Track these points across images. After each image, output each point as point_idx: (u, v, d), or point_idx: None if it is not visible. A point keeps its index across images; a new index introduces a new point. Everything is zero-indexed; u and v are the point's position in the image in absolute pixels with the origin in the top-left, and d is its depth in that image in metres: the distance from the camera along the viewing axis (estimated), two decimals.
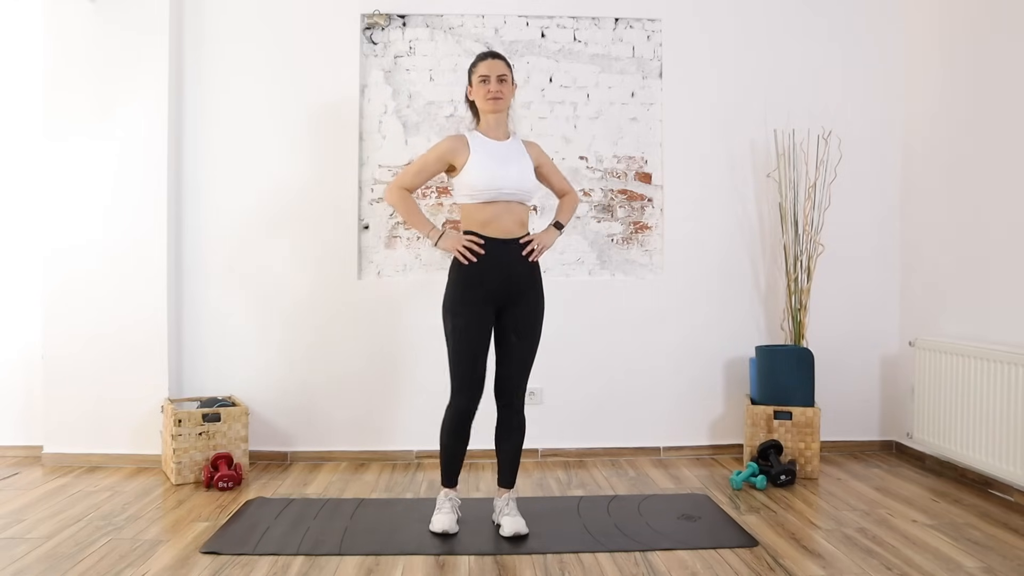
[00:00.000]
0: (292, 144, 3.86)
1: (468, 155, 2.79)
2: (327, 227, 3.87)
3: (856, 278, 4.03)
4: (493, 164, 2.77)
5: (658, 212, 4.01)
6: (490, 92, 2.79)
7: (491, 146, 2.82)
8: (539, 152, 2.97)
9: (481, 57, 2.86)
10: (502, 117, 2.87)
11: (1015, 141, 3.24)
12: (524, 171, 2.82)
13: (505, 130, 2.89)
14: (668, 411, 3.98)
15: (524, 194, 2.82)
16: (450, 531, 2.78)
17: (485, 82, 2.80)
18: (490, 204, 2.77)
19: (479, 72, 2.82)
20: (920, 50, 3.90)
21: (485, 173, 2.75)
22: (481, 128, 2.88)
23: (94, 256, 3.70)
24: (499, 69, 2.81)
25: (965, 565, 2.51)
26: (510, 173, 2.77)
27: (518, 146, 2.88)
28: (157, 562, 2.53)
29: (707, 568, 2.50)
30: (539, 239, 2.85)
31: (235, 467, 3.46)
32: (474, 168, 2.76)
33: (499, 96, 2.80)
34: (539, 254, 2.84)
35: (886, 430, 4.07)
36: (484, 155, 2.79)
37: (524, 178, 2.81)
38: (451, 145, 2.83)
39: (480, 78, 2.81)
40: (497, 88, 2.79)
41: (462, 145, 2.82)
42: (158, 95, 3.70)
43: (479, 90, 2.82)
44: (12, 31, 3.84)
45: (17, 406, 3.86)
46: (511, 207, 2.79)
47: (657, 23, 3.99)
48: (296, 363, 3.87)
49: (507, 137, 2.88)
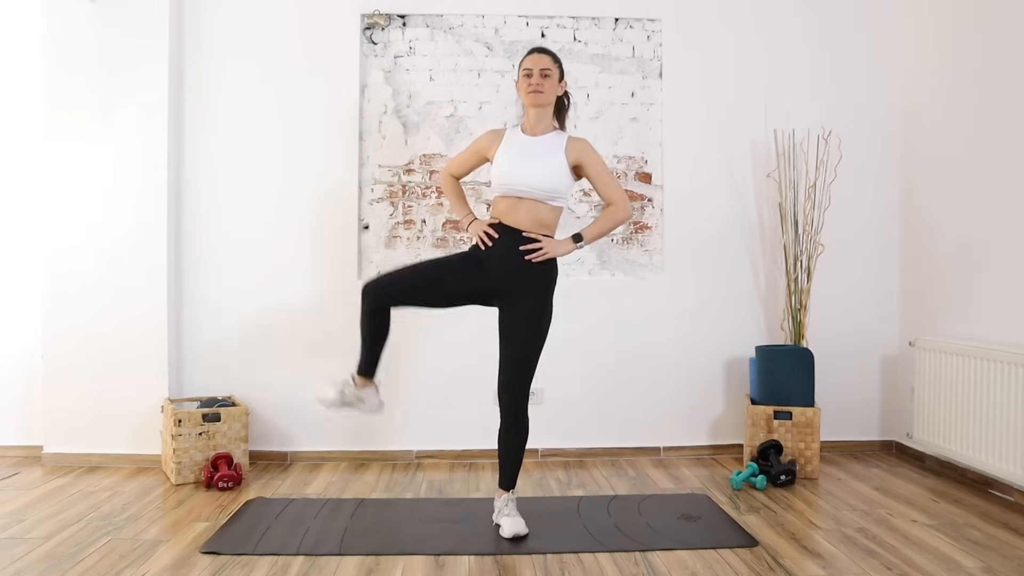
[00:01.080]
0: (292, 144, 3.86)
1: (498, 148, 2.85)
2: (327, 227, 3.87)
3: (856, 278, 4.03)
4: (513, 159, 2.79)
5: (658, 212, 4.01)
6: (531, 86, 2.81)
7: (521, 141, 2.85)
8: (582, 151, 2.84)
9: (528, 52, 2.88)
10: (543, 112, 2.85)
11: (1016, 141, 3.24)
12: (547, 169, 2.78)
13: (545, 125, 2.87)
14: (668, 411, 3.98)
15: (541, 193, 2.78)
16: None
17: (528, 76, 2.82)
18: (507, 198, 2.82)
19: (524, 66, 2.84)
20: (920, 50, 3.90)
21: (502, 168, 2.81)
22: (523, 123, 2.91)
23: (94, 256, 3.70)
24: (543, 63, 2.81)
25: (965, 565, 2.51)
26: (527, 170, 2.77)
27: (554, 143, 2.84)
28: (157, 562, 2.53)
29: (707, 568, 2.50)
30: (547, 243, 2.81)
31: (235, 467, 3.46)
32: (496, 162, 2.85)
33: (539, 90, 2.80)
34: (538, 257, 2.79)
35: (886, 430, 4.07)
36: (509, 150, 2.83)
37: (545, 177, 2.77)
38: (487, 138, 2.93)
39: (524, 72, 2.83)
40: (538, 82, 2.80)
41: (496, 138, 2.90)
42: (158, 95, 3.70)
43: (522, 83, 2.85)
44: (12, 32, 3.84)
45: (17, 406, 3.86)
46: (526, 203, 2.79)
47: (657, 23, 3.99)
48: (296, 363, 3.87)
49: (545, 132, 2.86)
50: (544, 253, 2.80)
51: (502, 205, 2.84)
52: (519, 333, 2.80)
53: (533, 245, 2.79)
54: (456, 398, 3.86)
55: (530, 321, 2.81)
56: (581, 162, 2.84)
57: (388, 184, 3.93)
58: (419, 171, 3.93)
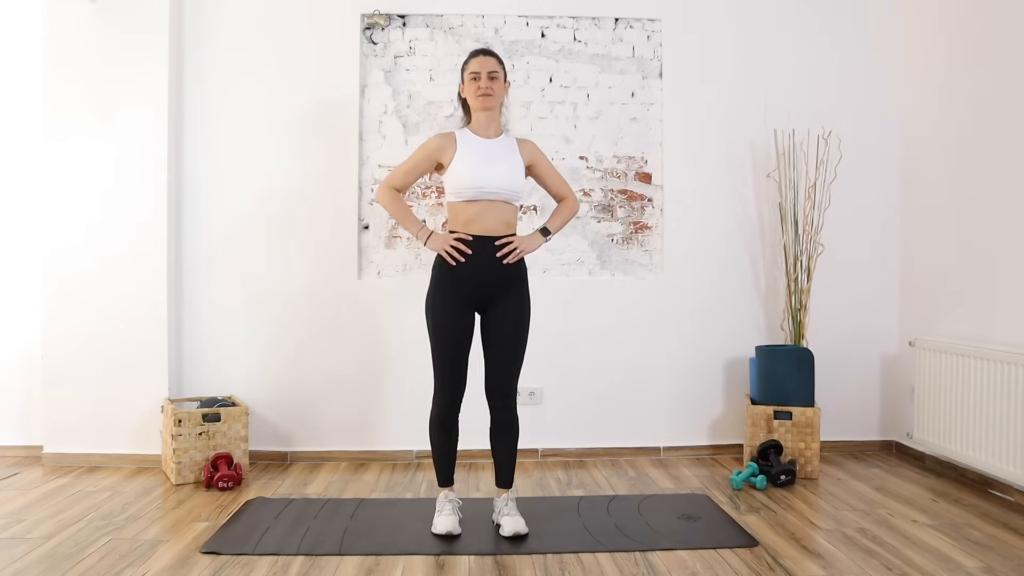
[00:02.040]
0: (292, 144, 3.86)
1: (455, 152, 2.79)
2: (327, 227, 3.87)
3: (856, 278, 4.03)
4: (478, 162, 2.76)
5: (658, 212, 4.01)
6: (480, 89, 2.78)
7: (478, 144, 2.82)
8: (533, 151, 2.91)
9: (472, 54, 2.84)
10: (493, 115, 2.85)
11: (1016, 140, 3.24)
12: (512, 170, 2.80)
13: (496, 128, 2.87)
14: (668, 411, 3.98)
15: (510, 194, 2.79)
16: (453, 532, 2.77)
17: (476, 79, 2.79)
18: (474, 203, 2.77)
19: (470, 69, 2.81)
20: (920, 50, 3.90)
21: (469, 171, 2.75)
22: (472, 126, 2.88)
23: (94, 256, 3.70)
24: (490, 66, 2.79)
25: (965, 565, 2.51)
26: (495, 171, 2.76)
27: (509, 144, 2.87)
28: (157, 562, 2.53)
29: (707, 568, 2.50)
30: (520, 242, 2.81)
31: (235, 467, 3.46)
32: (459, 166, 2.77)
33: (489, 93, 2.79)
34: (515, 257, 2.79)
35: (886, 430, 4.07)
36: (470, 153, 2.78)
37: (511, 177, 2.79)
38: (438, 143, 2.84)
39: (471, 75, 2.81)
40: (487, 85, 2.78)
41: (449, 143, 2.82)
42: (158, 95, 3.70)
43: (469, 87, 2.82)
44: (12, 31, 3.84)
45: (17, 406, 3.86)
46: (496, 206, 2.78)
47: (657, 23, 3.99)
48: (296, 363, 3.87)
49: (497, 135, 2.87)
50: (520, 251, 2.81)
51: (469, 211, 2.77)
52: (509, 334, 2.81)
53: (507, 247, 2.78)
54: None
55: (518, 320, 2.82)
56: (534, 161, 2.90)
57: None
58: None
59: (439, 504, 2.88)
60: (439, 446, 2.87)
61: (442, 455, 2.88)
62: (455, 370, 2.81)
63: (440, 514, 2.83)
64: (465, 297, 2.78)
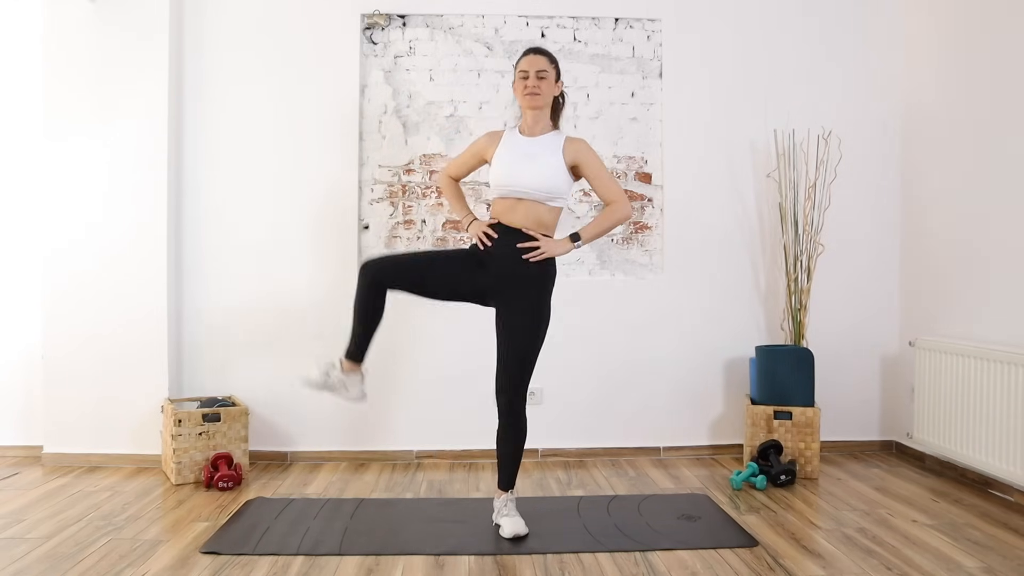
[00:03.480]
0: (292, 144, 3.86)
1: (495, 150, 2.86)
2: (327, 227, 3.87)
3: (856, 278, 4.03)
4: (510, 161, 2.80)
5: (658, 212, 4.01)
6: (527, 88, 2.81)
7: (518, 143, 2.85)
8: (580, 151, 2.84)
9: (524, 53, 2.87)
10: (540, 114, 2.86)
11: (1016, 140, 3.24)
12: (544, 170, 2.78)
13: (543, 126, 2.88)
14: (668, 411, 3.98)
15: (540, 193, 2.78)
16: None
17: (525, 78, 2.81)
18: (506, 199, 2.83)
19: (520, 67, 2.84)
20: (919, 49, 3.90)
21: (499, 169, 2.82)
22: (521, 124, 2.91)
23: (94, 256, 3.70)
24: (539, 65, 2.81)
25: (965, 565, 2.51)
26: (525, 171, 2.77)
27: (552, 143, 2.84)
28: (157, 562, 2.53)
29: (707, 568, 2.50)
30: (545, 244, 2.80)
31: (235, 467, 3.46)
32: (494, 163, 2.86)
33: (536, 92, 2.80)
34: (536, 256, 2.79)
35: (886, 430, 4.07)
36: (506, 151, 2.84)
37: (543, 178, 2.78)
38: (485, 141, 2.95)
39: (520, 73, 2.83)
40: (535, 84, 2.80)
41: (494, 140, 2.91)
42: (158, 95, 3.70)
43: (518, 86, 2.85)
44: (12, 31, 3.84)
45: (17, 406, 3.86)
46: (524, 204, 2.79)
47: (657, 23, 3.99)
48: (296, 363, 3.85)
49: (543, 133, 2.87)
50: (542, 253, 2.80)
51: (501, 206, 2.84)
52: (518, 333, 2.79)
53: (530, 244, 2.79)
54: (456, 398, 3.86)
55: (529, 321, 2.80)
56: (579, 162, 2.84)
57: (388, 184, 3.93)
58: (419, 171, 3.93)
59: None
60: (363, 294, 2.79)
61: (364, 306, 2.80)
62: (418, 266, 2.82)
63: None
64: (477, 267, 2.83)
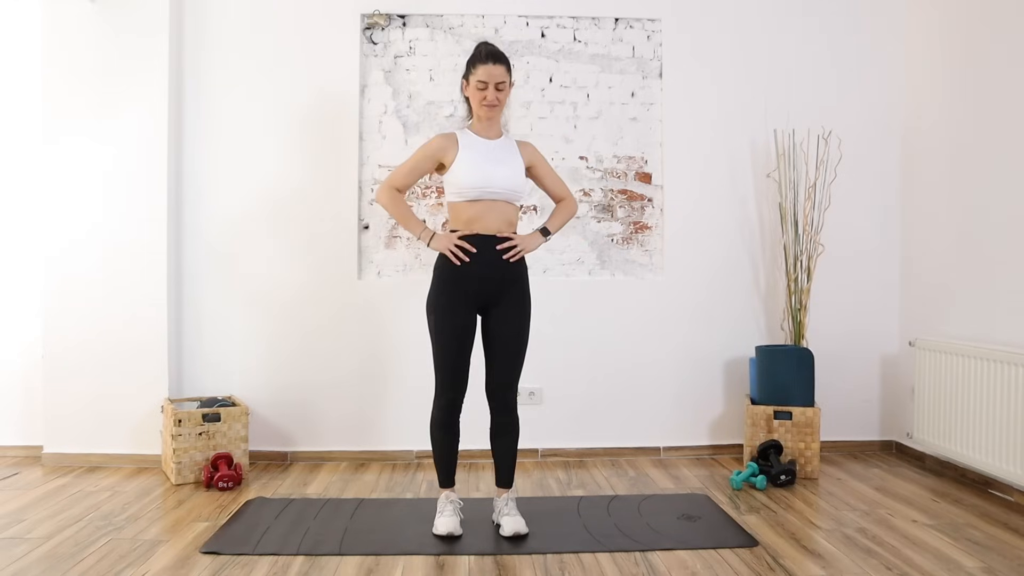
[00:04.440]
0: (292, 144, 3.86)
1: (457, 153, 2.80)
2: (327, 227, 3.88)
3: (856, 278, 4.03)
4: (481, 163, 2.77)
5: (658, 212, 4.01)
6: (486, 100, 2.79)
7: (480, 144, 2.82)
8: (533, 153, 2.93)
9: (482, 60, 2.79)
10: (495, 120, 2.87)
11: (1016, 140, 3.24)
12: (514, 171, 2.81)
13: (497, 129, 2.89)
14: (668, 411, 3.98)
15: (512, 194, 2.81)
16: (455, 533, 2.76)
17: (483, 89, 2.78)
18: (476, 203, 2.77)
19: (478, 76, 2.78)
20: (920, 49, 3.90)
21: (472, 172, 2.75)
22: (473, 126, 2.89)
23: (94, 256, 3.70)
24: (498, 77, 2.78)
25: (965, 565, 2.51)
26: (498, 172, 2.77)
27: (510, 145, 2.88)
28: (157, 562, 2.53)
29: (707, 568, 2.50)
30: (521, 241, 2.82)
31: (235, 467, 3.46)
32: (462, 166, 2.77)
33: (495, 104, 2.80)
34: (517, 256, 2.80)
35: (886, 430, 4.07)
36: (473, 153, 2.79)
37: (513, 178, 2.80)
38: (440, 143, 2.83)
39: (478, 83, 2.79)
40: (494, 96, 2.79)
41: (451, 143, 2.82)
42: (158, 95, 3.70)
43: (475, 94, 2.81)
44: (12, 31, 3.84)
45: (17, 406, 3.86)
46: (498, 206, 2.79)
47: (657, 23, 3.99)
48: (296, 363, 3.87)
49: (499, 136, 2.88)
50: (521, 250, 2.82)
51: (471, 211, 2.77)
52: (511, 333, 2.81)
53: (508, 244, 2.79)
54: None
55: (519, 321, 2.83)
56: (533, 163, 2.92)
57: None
58: None
59: (440, 505, 2.88)
60: (440, 447, 2.87)
61: (443, 456, 2.88)
62: (457, 371, 2.80)
63: (441, 515, 2.83)
64: (467, 297, 2.78)
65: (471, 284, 2.77)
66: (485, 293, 2.79)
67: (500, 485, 2.89)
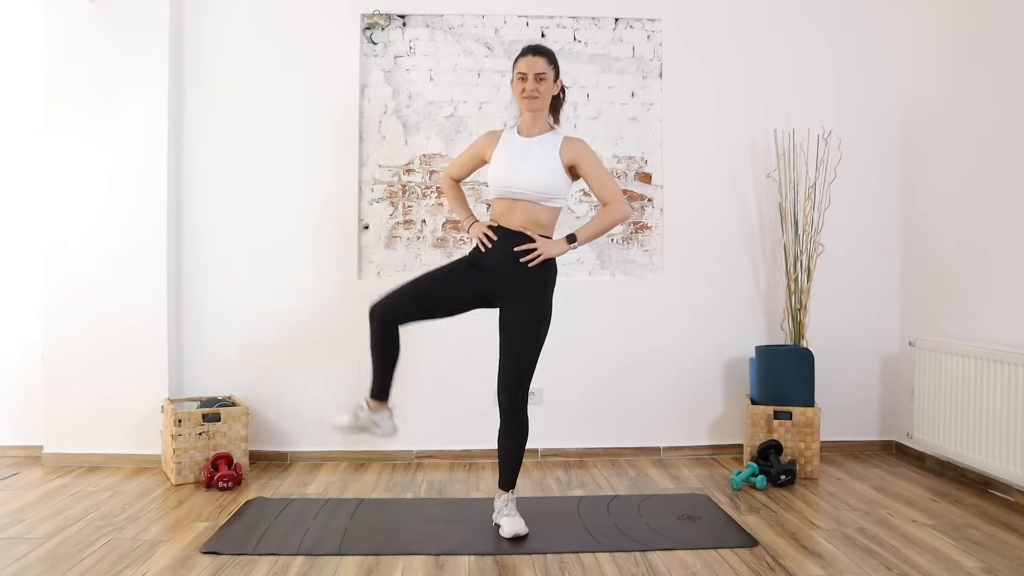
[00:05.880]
0: (292, 144, 3.86)
1: (495, 150, 2.85)
2: (327, 227, 3.87)
3: (856, 278, 4.03)
4: (507, 162, 2.78)
5: (658, 212, 4.01)
6: (525, 91, 2.78)
7: (515, 143, 2.83)
8: (578, 151, 2.81)
9: (523, 52, 2.82)
10: (539, 114, 2.84)
11: (1016, 140, 3.24)
12: (540, 171, 2.76)
13: (541, 126, 2.85)
14: (668, 411, 3.98)
15: (536, 194, 2.77)
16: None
17: (522, 79, 2.78)
18: (501, 200, 2.83)
19: (518, 68, 2.80)
20: (920, 49, 3.90)
21: (495, 171, 2.81)
22: (519, 124, 2.90)
23: (94, 256, 3.70)
24: (537, 67, 2.77)
25: (965, 565, 2.51)
26: (521, 172, 2.75)
27: (550, 143, 2.82)
28: (157, 562, 2.53)
29: (707, 568, 2.50)
30: (543, 246, 2.79)
31: (235, 467, 3.46)
32: (492, 165, 2.84)
33: (534, 95, 2.78)
34: (535, 259, 2.78)
35: (886, 430, 4.07)
36: (503, 152, 2.82)
37: (539, 178, 2.75)
38: (484, 141, 2.94)
39: (518, 75, 2.79)
40: (533, 87, 2.77)
41: (493, 141, 2.90)
42: (158, 95, 3.70)
43: (516, 87, 2.81)
44: (12, 31, 3.84)
45: (17, 406, 3.86)
46: (521, 205, 2.78)
47: (657, 23, 3.99)
48: (296, 363, 3.87)
49: (541, 133, 2.84)
50: (539, 255, 2.79)
51: (499, 207, 2.84)
52: (519, 333, 2.80)
53: (527, 246, 2.78)
54: (456, 398, 3.86)
55: (530, 321, 2.80)
56: (577, 162, 2.81)
57: (388, 184, 3.93)
58: (419, 171, 3.93)
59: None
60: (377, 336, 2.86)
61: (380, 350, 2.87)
62: (418, 293, 2.82)
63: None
64: (478, 274, 2.82)
65: (484, 267, 2.83)
66: (494, 284, 2.80)
67: (501, 486, 2.89)
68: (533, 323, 2.81)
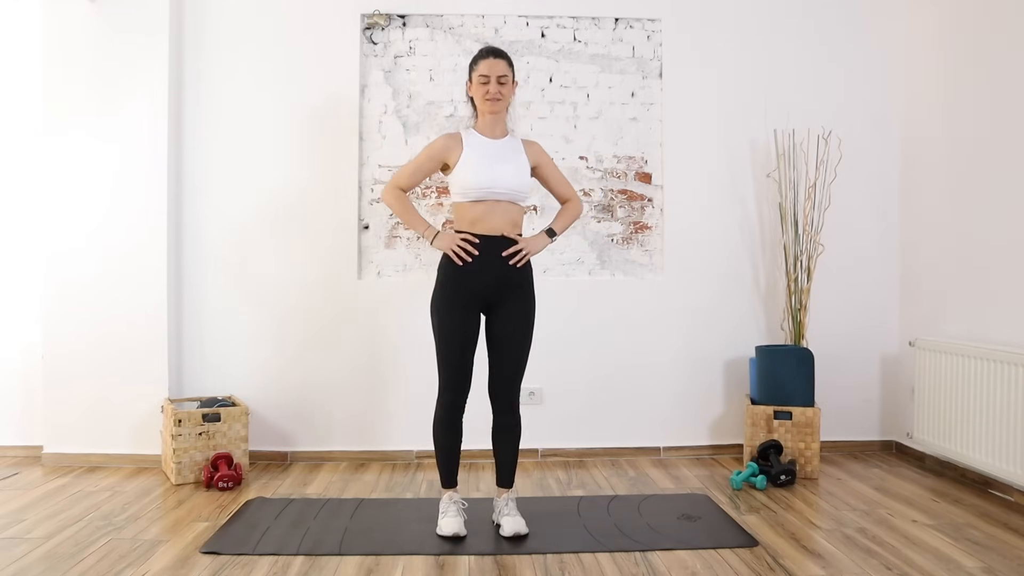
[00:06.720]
0: (292, 144, 3.87)
1: (461, 153, 2.79)
2: (327, 227, 3.87)
3: (856, 278, 4.03)
4: (485, 163, 2.76)
5: (658, 212, 4.01)
6: (489, 93, 2.78)
7: (485, 144, 2.82)
8: (539, 152, 2.92)
9: (482, 55, 2.82)
10: (500, 116, 2.86)
11: (1016, 141, 3.24)
12: (518, 171, 2.80)
13: (502, 128, 2.87)
14: (668, 411, 3.98)
15: (516, 194, 2.79)
16: (460, 533, 2.75)
17: (485, 83, 2.78)
18: (480, 203, 2.76)
19: (479, 71, 2.79)
20: (920, 49, 3.90)
21: (476, 171, 2.75)
22: (478, 126, 2.88)
23: (94, 256, 3.70)
24: (499, 70, 2.78)
25: (965, 565, 2.51)
26: (502, 172, 2.76)
27: (515, 145, 2.87)
28: (157, 562, 2.53)
29: (707, 568, 2.50)
30: (527, 244, 2.81)
31: (235, 467, 3.46)
32: (465, 166, 2.77)
33: (498, 98, 2.79)
34: (523, 260, 2.80)
35: (886, 430, 4.07)
36: (477, 153, 2.78)
37: (518, 178, 2.78)
38: (444, 143, 2.84)
39: (480, 78, 2.79)
40: (496, 90, 2.78)
41: (456, 143, 2.82)
42: (158, 95, 3.70)
43: (478, 90, 2.81)
44: (12, 31, 3.84)
45: (17, 406, 3.86)
46: (502, 206, 2.78)
47: (657, 23, 3.99)
48: (296, 363, 3.87)
49: (504, 135, 2.87)
50: (527, 254, 2.81)
51: (475, 211, 2.77)
52: (515, 335, 2.81)
53: (514, 248, 2.78)
54: None
55: (524, 321, 2.82)
56: (538, 163, 2.91)
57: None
58: None
59: (443, 505, 2.87)
60: (443, 446, 2.87)
61: (446, 456, 2.88)
62: (460, 372, 2.80)
63: (445, 515, 2.82)
64: (471, 298, 2.77)
65: (474, 284, 2.76)
66: (488, 294, 2.79)
67: (501, 485, 2.89)
68: (527, 324, 2.84)
